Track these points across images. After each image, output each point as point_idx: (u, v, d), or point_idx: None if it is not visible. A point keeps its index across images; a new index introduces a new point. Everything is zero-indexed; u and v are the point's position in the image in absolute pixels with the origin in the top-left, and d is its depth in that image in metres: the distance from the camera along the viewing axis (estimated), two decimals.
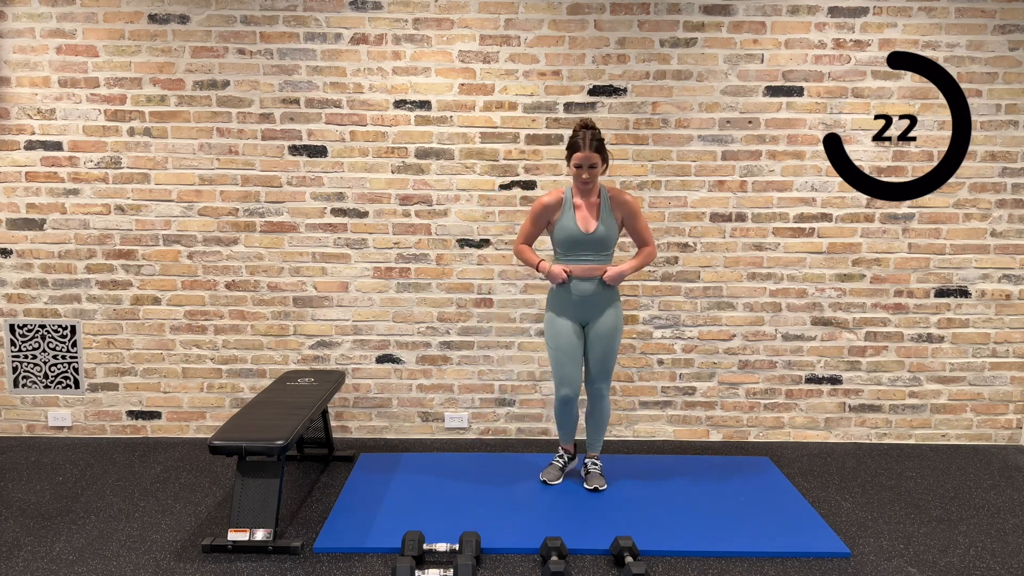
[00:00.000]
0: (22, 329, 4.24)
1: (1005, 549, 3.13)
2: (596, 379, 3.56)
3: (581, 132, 3.32)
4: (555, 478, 3.67)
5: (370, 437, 4.38)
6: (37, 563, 2.92)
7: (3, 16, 4.02)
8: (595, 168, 3.33)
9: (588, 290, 3.43)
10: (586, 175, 3.33)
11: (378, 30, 4.05)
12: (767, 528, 3.23)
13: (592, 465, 3.69)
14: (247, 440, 2.99)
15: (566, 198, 3.43)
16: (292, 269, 4.23)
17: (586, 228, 3.38)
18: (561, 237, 3.41)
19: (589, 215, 3.40)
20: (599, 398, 3.59)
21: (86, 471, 3.84)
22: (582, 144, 3.30)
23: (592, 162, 3.31)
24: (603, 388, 3.57)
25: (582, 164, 3.31)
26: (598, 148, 3.31)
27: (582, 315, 3.48)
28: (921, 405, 4.34)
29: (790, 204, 4.19)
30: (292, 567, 2.92)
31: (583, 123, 3.36)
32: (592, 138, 3.31)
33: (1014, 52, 4.07)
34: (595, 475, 3.64)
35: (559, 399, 3.57)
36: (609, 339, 3.50)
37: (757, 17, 4.05)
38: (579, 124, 3.36)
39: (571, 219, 3.39)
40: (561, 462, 3.74)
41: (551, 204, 3.42)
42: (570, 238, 3.39)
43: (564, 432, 3.69)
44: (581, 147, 3.30)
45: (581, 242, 3.39)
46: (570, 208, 3.41)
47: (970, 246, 4.22)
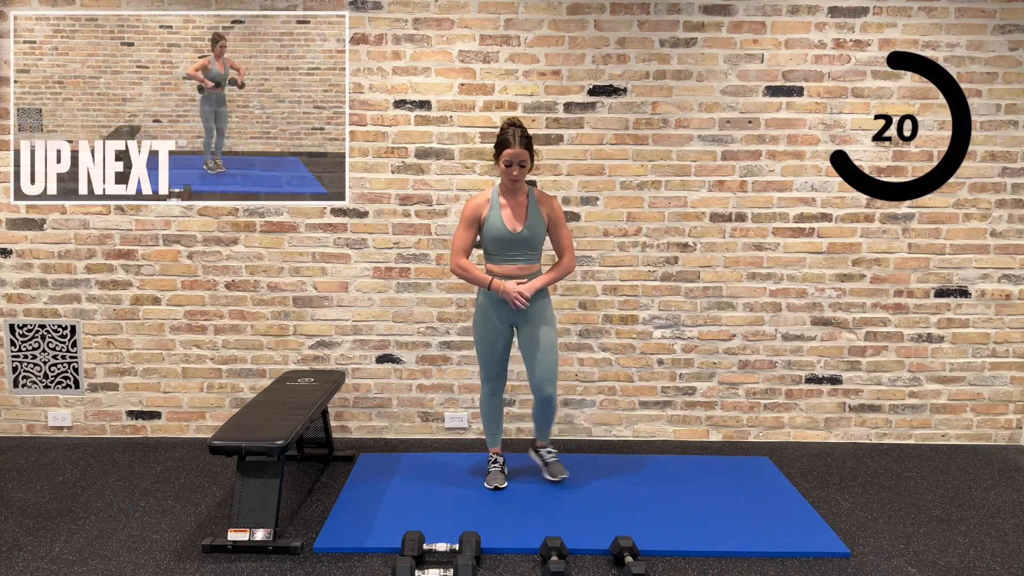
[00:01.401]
0: (22, 329, 4.24)
1: (1005, 549, 3.13)
2: (542, 384, 3.48)
3: (510, 130, 3.33)
4: (502, 482, 3.62)
5: (370, 437, 4.39)
6: (37, 563, 2.92)
7: (3, 16, 4.02)
8: (524, 166, 3.34)
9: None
10: (516, 172, 3.34)
11: (378, 30, 4.05)
12: (767, 528, 3.23)
13: (548, 454, 3.71)
14: (247, 440, 2.99)
15: (493, 197, 3.44)
16: (292, 269, 4.23)
17: (512, 227, 3.39)
18: (489, 236, 3.41)
19: (515, 215, 3.41)
20: (546, 401, 3.52)
21: (86, 471, 3.84)
22: (512, 141, 3.31)
23: (522, 159, 3.32)
24: (549, 391, 3.49)
25: (512, 161, 3.32)
26: (526, 145, 3.33)
27: (512, 316, 3.48)
28: (921, 405, 4.35)
29: (790, 204, 4.19)
30: (292, 567, 2.92)
31: (511, 121, 3.38)
32: (521, 135, 3.32)
33: (1014, 52, 4.07)
34: (555, 464, 3.66)
35: (485, 394, 3.61)
36: (544, 339, 3.47)
37: (757, 17, 4.05)
38: (506, 122, 3.39)
39: (498, 218, 3.39)
40: (497, 466, 3.70)
41: (480, 203, 3.44)
42: (498, 237, 3.39)
43: (492, 433, 3.70)
44: (511, 143, 3.30)
45: (508, 242, 3.40)
46: (497, 207, 3.41)
47: (970, 246, 4.22)
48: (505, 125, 3.37)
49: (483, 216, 3.43)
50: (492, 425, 3.70)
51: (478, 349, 3.57)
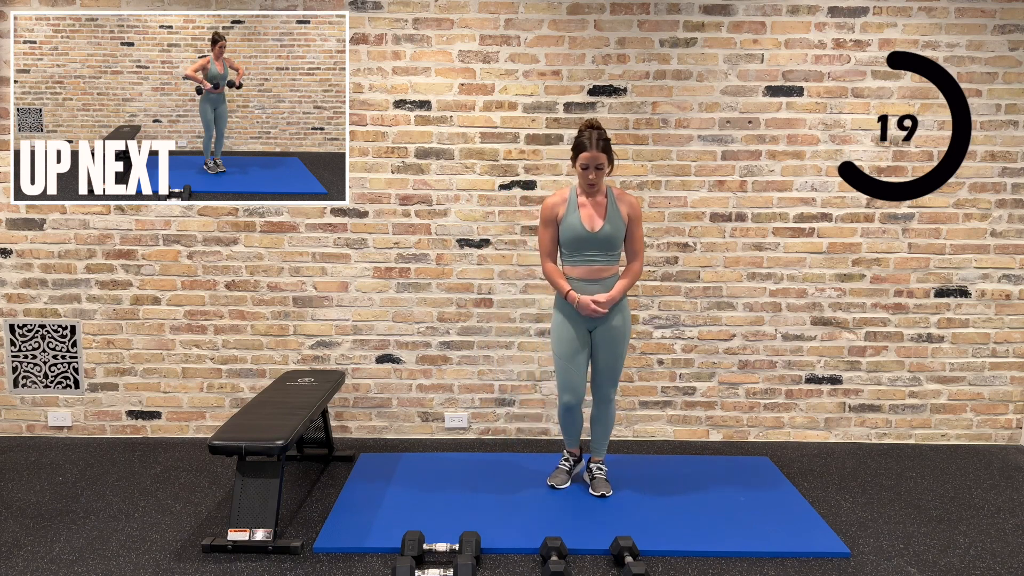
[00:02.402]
0: (22, 329, 4.24)
1: (1005, 549, 3.13)
2: (603, 385, 3.50)
3: (587, 132, 3.26)
4: (563, 482, 3.61)
5: (370, 437, 4.38)
6: (37, 563, 2.92)
7: (3, 16, 4.02)
8: (602, 169, 3.27)
9: (596, 293, 3.34)
10: (592, 175, 3.27)
11: (378, 30, 4.05)
12: (767, 528, 3.23)
13: (597, 470, 3.61)
14: (247, 440, 2.99)
15: (571, 197, 3.37)
16: (292, 269, 4.23)
17: (591, 227, 3.31)
18: (567, 236, 3.34)
19: (595, 213, 3.33)
20: (606, 403, 3.53)
21: (86, 471, 3.84)
22: (588, 144, 3.24)
23: (599, 162, 3.25)
24: (610, 393, 3.51)
25: (588, 164, 3.26)
26: (604, 148, 3.25)
27: (588, 320, 3.40)
28: (921, 405, 4.34)
29: (790, 204, 4.19)
30: (292, 567, 2.92)
31: (589, 123, 3.31)
32: (599, 138, 3.25)
33: (1014, 52, 4.07)
34: (600, 480, 3.56)
35: (562, 405, 3.50)
36: (617, 345, 3.42)
37: (757, 17, 4.05)
38: (585, 124, 3.31)
39: (576, 217, 3.32)
40: (567, 465, 3.69)
41: (557, 203, 3.37)
42: (576, 237, 3.32)
43: (569, 436, 3.65)
44: (588, 147, 3.24)
45: (587, 241, 3.32)
46: (575, 206, 3.34)
47: (970, 246, 4.22)
48: (583, 127, 3.29)
49: (560, 216, 3.35)
50: (570, 431, 3.61)
51: (557, 360, 3.45)
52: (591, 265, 3.35)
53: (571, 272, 3.38)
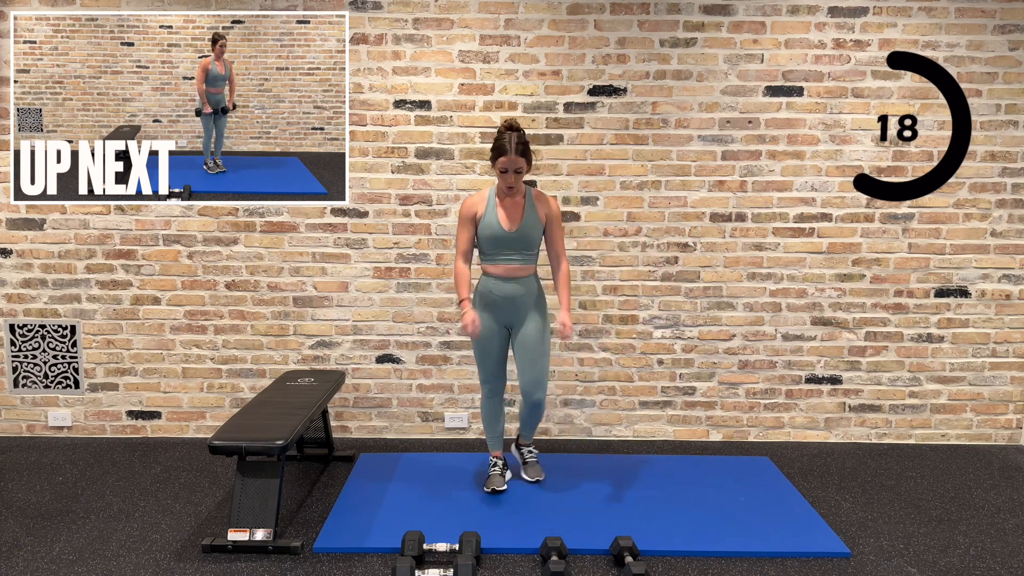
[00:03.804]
0: (22, 329, 4.24)
1: (1005, 549, 3.13)
2: (531, 390, 3.43)
3: (507, 135, 3.23)
4: (502, 484, 3.56)
5: (370, 437, 4.38)
6: (37, 563, 2.92)
7: (3, 16, 4.02)
8: (520, 172, 3.26)
9: (512, 291, 3.37)
10: (511, 179, 3.26)
11: (378, 30, 4.05)
12: (767, 528, 3.23)
13: (528, 454, 3.69)
14: (247, 440, 2.99)
15: (490, 196, 3.38)
16: (292, 269, 4.23)
17: (509, 226, 3.33)
18: (485, 235, 3.35)
19: (511, 214, 3.34)
20: (535, 405, 3.48)
21: (86, 471, 3.84)
22: (507, 147, 3.21)
23: (518, 166, 3.23)
24: (538, 395, 3.45)
25: (507, 168, 3.24)
26: (523, 152, 3.23)
27: (506, 317, 3.42)
28: (921, 405, 4.34)
29: (790, 204, 4.19)
30: (292, 567, 2.92)
31: (508, 124, 3.27)
32: (518, 141, 3.22)
33: (1014, 52, 4.07)
34: (532, 464, 3.64)
35: (484, 396, 3.56)
36: (536, 345, 3.41)
37: (757, 17, 4.05)
38: (504, 125, 3.27)
39: (494, 216, 3.33)
40: (498, 468, 3.65)
41: (476, 202, 3.38)
42: (493, 236, 3.33)
43: (493, 436, 3.64)
44: (506, 150, 3.21)
45: (504, 240, 3.33)
46: (493, 206, 3.35)
47: (970, 246, 4.22)
48: (502, 128, 3.26)
49: (479, 215, 3.37)
50: (492, 427, 3.65)
51: (475, 350, 3.51)
52: (509, 264, 3.37)
53: (490, 270, 3.40)
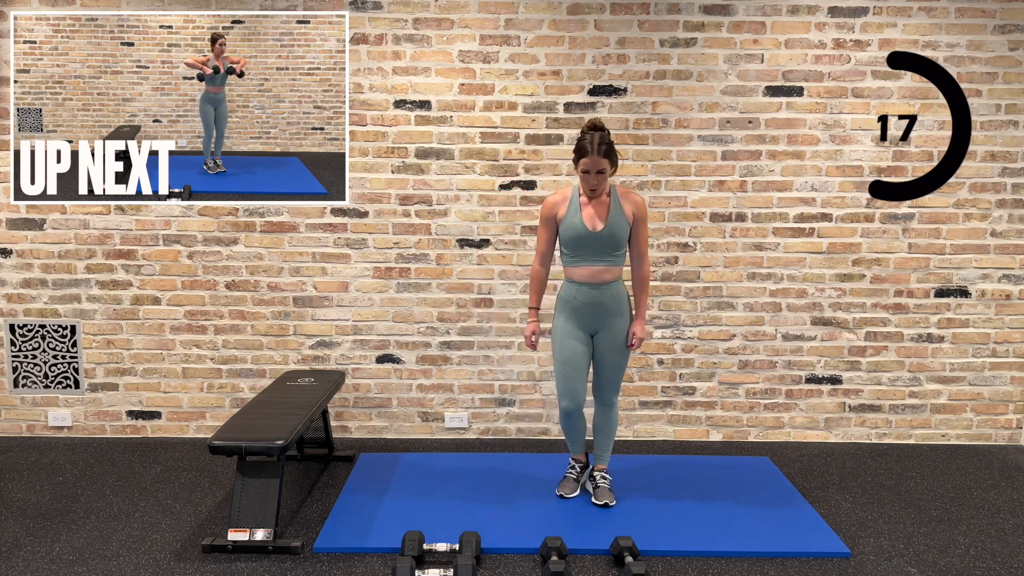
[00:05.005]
0: (22, 329, 4.24)
1: (1005, 549, 3.13)
2: (605, 390, 3.40)
3: (589, 135, 3.12)
4: (572, 491, 3.50)
5: (370, 437, 4.38)
6: (37, 563, 2.92)
7: (3, 16, 4.02)
8: (603, 173, 3.13)
9: (597, 297, 3.25)
10: (593, 180, 3.14)
11: (378, 30, 4.05)
12: (767, 528, 3.23)
13: (601, 479, 3.50)
14: (247, 440, 2.99)
15: (573, 195, 3.25)
16: (292, 269, 4.23)
17: (593, 226, 3.19)
18: (567, 236, 3.22)
19: (597, 213, 3.20)
20: (608, 408, 3.44)
21: (86, 471, 3.84)
22: (590, 148, 3.10)
23: (600, 167, 3.11)
24: (612, 398, 3.41)
25: (590, 169, 3.12)
26: (607, 153, 3.11)
27: (591, 323, 3.29)
28: (921, 405, 4.34)
29: (790, 204, 4.19)
30: (292, 567, 2.92)
31: (592, 124, 3.16)
32: (600, 142, 3.10)
33: (1014, 52, 4.07)
34: (603, 490, 3.45)
35: (562, 411, 3.39)
36: (619, 351, 3.32)
37: (757, 17, 4.05)
38: (587, 125, 3.17)
39: (577, 217, 3.19)
40: (574, 473, 3.59)
41: (558, 202, 3.26)
42: (576, 237, 3.20)
43: (573, 443, 3.54)
44: (588, 151, 3.10)
45: (588, 241, 3.19)
46: (577, 205, 3.22)
47: (970, 246, 4.22)
48: (585, 128, 3.15)
49: (560, 215, 3.23)
50: (573, 437, 3.50)
51: (557, 364, 3.34)
52: (593, 266, 3.23)
53: (572, 274, 3.27)
